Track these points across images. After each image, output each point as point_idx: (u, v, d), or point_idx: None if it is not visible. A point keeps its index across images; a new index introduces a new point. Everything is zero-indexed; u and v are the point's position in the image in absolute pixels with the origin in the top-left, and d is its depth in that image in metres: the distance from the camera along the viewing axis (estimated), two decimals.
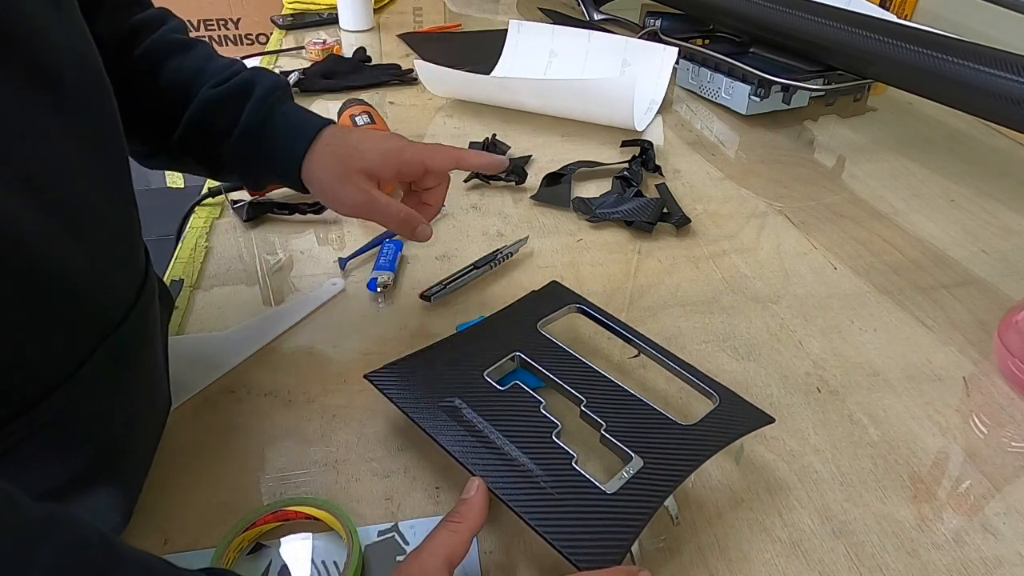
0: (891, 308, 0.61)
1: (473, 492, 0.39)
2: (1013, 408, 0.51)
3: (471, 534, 0.37)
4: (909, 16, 1.26)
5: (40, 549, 0.24)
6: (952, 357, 0.56)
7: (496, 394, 0.45)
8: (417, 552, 0.36)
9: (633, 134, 0.91)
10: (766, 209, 0.76)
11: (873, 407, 0.51)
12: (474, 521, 0.37)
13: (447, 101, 1.00)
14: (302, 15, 1.34)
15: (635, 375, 0.53)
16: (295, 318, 0.58)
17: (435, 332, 0.56)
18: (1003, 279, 0.65)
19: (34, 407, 0.32)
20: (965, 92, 0.72)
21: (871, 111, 1.01)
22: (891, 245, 0.70)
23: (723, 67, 0.96)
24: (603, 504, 0.38)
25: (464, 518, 0.37)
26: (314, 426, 0.48)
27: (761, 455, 0.47)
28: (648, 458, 0.41)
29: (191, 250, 0.66)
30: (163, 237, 0.75)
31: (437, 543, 0.36)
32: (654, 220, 0.70)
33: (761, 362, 0.55)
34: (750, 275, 0.65)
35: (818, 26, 0.87)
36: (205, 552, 0.39)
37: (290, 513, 0.41)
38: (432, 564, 0.35)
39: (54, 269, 0.32)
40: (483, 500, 0.38)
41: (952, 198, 0.79)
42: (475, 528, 0.37)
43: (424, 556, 0.35)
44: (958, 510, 0.44)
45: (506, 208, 0.75)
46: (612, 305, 0.60)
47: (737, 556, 0.41)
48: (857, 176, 0.83)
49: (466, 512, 0.38)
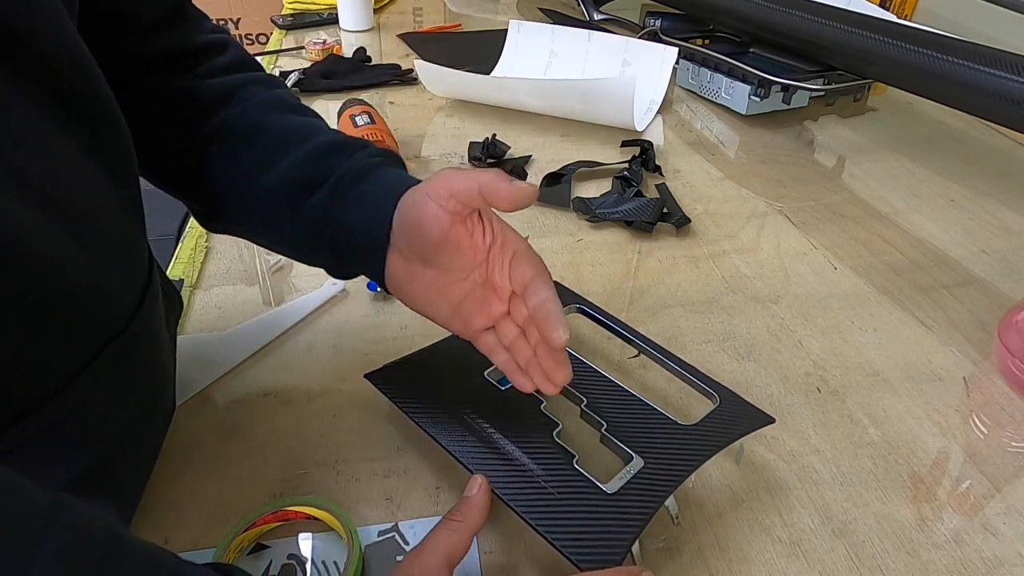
0: (891, 308, 0.61)
1: (475, 491, 0.38)
2: (1013, 408, 0.51)
3: (472, 533, 0.37)
4: (909, 16, 1.26)
5: (46, 536, 0.24)
6: (952, 357, 0.56)
7: (496, 394, 0.45)
8: (417, 551, 0.36)
9: (633, 134, 0.91)
10: (766, 209, 0.76)
11: (873, 407, 0.51)
12: (475, 520, 0.37)
13: (447, 101, 1.00)
14: (302, 15, 1.34)
15: (635, 375, 0.53)
16: (295, 318, 0.58)
17: (435, 332, 0.55)
18: (1003, 279, 0.65)
19: (35, 411, 0.32)
20: (965, 92, 0.72)
21: (871, 111, 1.01)
22: (891, 245, 0.70)
23: (723, 67, 0.96)
24: (603, 504, 0.38)
25: (465, 517, 0.37)
26: (314, 426, 0.48)
27: (761, 455, 0.47)
28: (648, 458, 0.41)
29: (191, 250, 0.66)
30: (163, 237, 0.75)
31: (437, 542, 0.36)
32: (654, 220, 0.70)
33: (761, 362, 0.55)
34: (750, 275, 0.65)
35: (818, 26, 0.87)
36: (205, 552, 0.39)
37: (290, 513, 0.41)
38: (432, 563, 0.35)
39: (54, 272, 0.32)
40: (485, 499, 0.38)
41: (952, 198, 0.79)
42: (476, 527, 0.37)
43: (424, 555, 0.35)
44: (958, 510, 0.44)
45: None
46: (612, 305, 0.60)
47: (737, 556, 0.41)
48: (857, 176, 0.83)
49: (467, 511, 0.37)
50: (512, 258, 0.41)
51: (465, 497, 0.38)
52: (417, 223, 0.39)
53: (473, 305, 0.42)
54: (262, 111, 0.46)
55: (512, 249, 0.41)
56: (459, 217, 0.39)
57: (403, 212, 0.40)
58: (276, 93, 0.47)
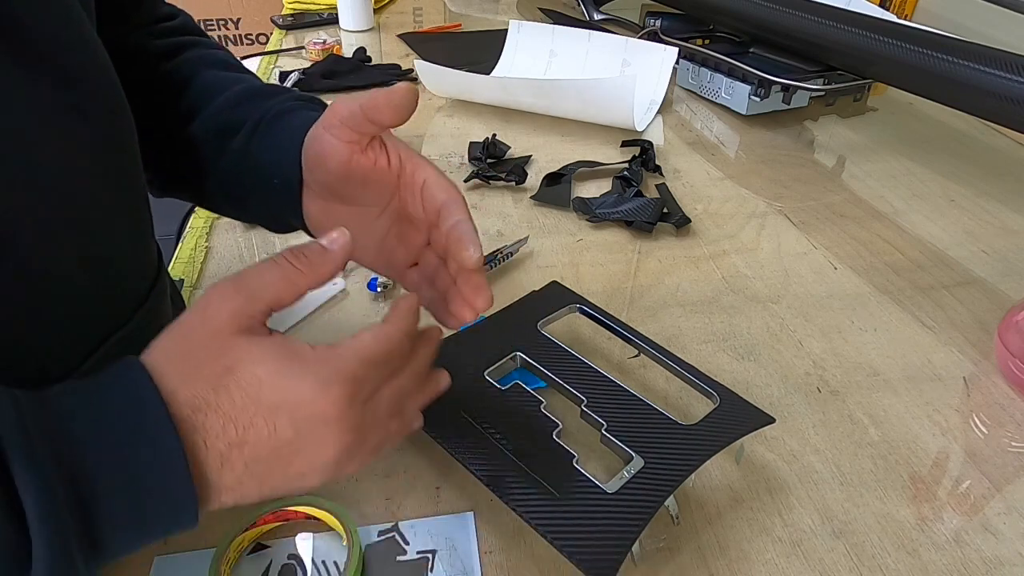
0: (891, 308, 0.61)
1: (335, 246, 0.33)
2: (1013, 408, 0.51)
3: (309, 290, 0.32)
4: (909, 16, 1.26)
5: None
6: (952, 357, 0.56)
7: (496, 394, 0.45)
8: (234, 289, 0.30)
9: (633, 134, 0.91)
10: (766, 209, 0.76)
11: (873, 407, 0.51)
12: (322, 276, 0.32)
13: (447, 101, 1.00)
14: (302, 15, 1.34)
15: (635, 375, 0.53)
16: (295, 318, 0.58)
17: None
18: (1003, 279, 0.65)
19: None
20: (965, 92, 0.72)
21: (871, 111, 1.01)
22: (891, 245, 0.70)
23: (723, 67, 0.96)
24: (604, 504, 0.38)
25: (312, 269, 0.32)
26: None
27: (761, 455, 0.47)
28: (649, 458, 0.41)
29: (191, 250, 0.66)
30: (163, 237, 0.75)
31: (265, 285, 0.30)
32: (654, 220, 0.70)
33: (761, 362, 0.55)
34: (750, 275, 0.65)
35: (818, 26, 0.87)
36: (205, 552, 0.39)
37: (290, 513, 0.41)
38: (250, 310, 0.30)
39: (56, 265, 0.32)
40: (343, 256, 0.33)
41: (952, 198, 0.79)
42: (317, 284, 0.32)
43: (242, 299, 0.30)
44: (958, 510, 0.44)
45: (506, 208, 0.75)
46: (612, 305, 0.60)
47: (737, 556, 0.41)
48: (857, 176, 0.83)
49: (318, 263, 0.32)
50: (423, 186, 0.40)
51: (320, 245, 0.33)
52: (319, 157, 0.39)
53: (393, 240, 0.41)
54: (195, 67, 0.47)
55: (423, 177, 0.40)
56: (357, 146, 0.38)
57: (307, 149, 0.40)
58: (214, 52, 0.49)
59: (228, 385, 0.29)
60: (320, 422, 0.30)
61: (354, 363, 0.30)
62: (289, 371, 0.29)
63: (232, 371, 0.29)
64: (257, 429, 0.29)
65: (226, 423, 0.28)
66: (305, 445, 0.30)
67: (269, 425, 0.29)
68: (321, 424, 0.30)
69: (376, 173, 0.39)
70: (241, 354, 0.29)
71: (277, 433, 0.29)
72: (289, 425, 0.29)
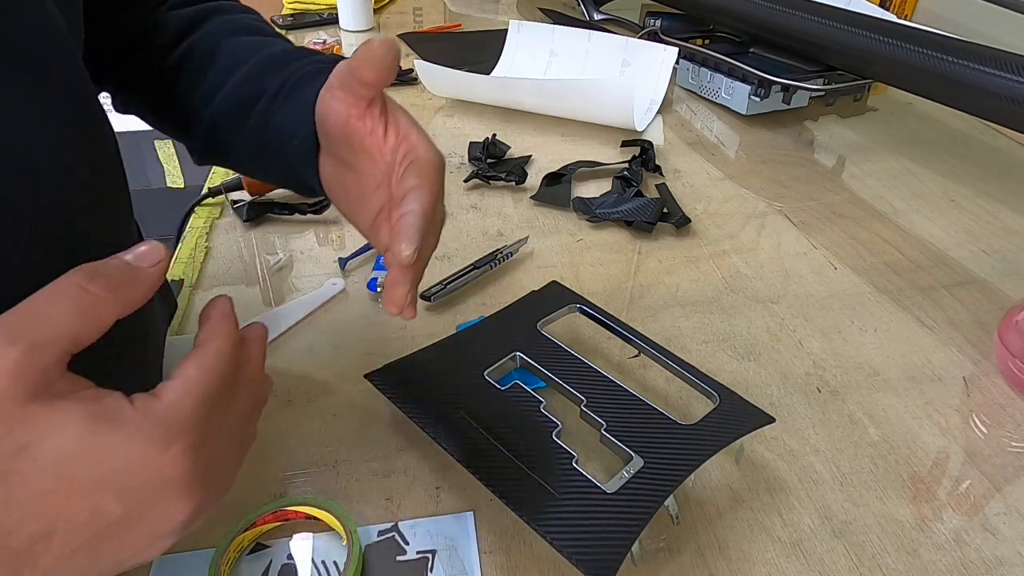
0: (891, 308, 0.61)
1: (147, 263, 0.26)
2: (1013, 408, 0.51)
3: (117, 317, 0.25)
4: (909, 16, 1.26)
5: None
6: (952, 357, 0.56)
7: (496, 394, 0.45)
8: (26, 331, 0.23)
9: (633, 134, 0.91)
10: (766, 209, 0.76)
11: (873, 407, 0.51)
12: (130, 302, 0.26)
13: (447, 101, 1.00)
14: (302, 15, 1.34)
15: (635, 375, 0.53)
16: (295, 318, 0.58)
17: (435, 332, 0.56)
18: (1003, 279, 0.65)
19: None
20: (965, 92, 0.72)
21: (871, 111, 1.01)
22: (891, 245, 0.70)
23: (723, 67, 0.96)
24: (603, 504, 0.38)
25: (117, 292, 0.25)
26: (314, 426, 0.48)
27: (761, 455, 0.47)
28: (648, 458, 0.41)
29: (191, 250, 0.66)
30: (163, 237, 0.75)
31: (51, 324, 0.23)
32: (654, 220, 0.70)
33: (761, 362, 0.55)
34: (750, 275, 0.65)
35: (818, 26, 0.87)
36: (205, 552, 0.39)
37: (290, 513, 0.41)
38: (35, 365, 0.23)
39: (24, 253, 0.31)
40: (157, 277, 0.27)
41: (952, 198, 0.79)
42: (124, 312, 0.25)
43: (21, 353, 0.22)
44: (958, 510, 0.44)
45: (506, 208, 0.75)
46: (612, 305, 0.60)
47: (737, 556, 0.41)
48: (857, 176, 0.83)
49: (121, 282, 0.25)
50: (407, 166, 0.38)
51: (123, 262, 0.26)
52: (321, 117, 0.39)
53: (383, 217, 0.41)
54: (219, 35, 0.47)
55: (410, 158, 0.38)
56: (355, 109, 0.37)
57: (318, 110, 0.40)
58: (237, 17, 0.49)
59: (20, 470, 0.22)
60: (159, 486, 0.25)
61: (189, 407, 0.25)
62: (106, 435, 0.23)
63: (26, 450, 0.22)
64: (70, 515, 0.23)
65: (22, 518, 0.23)
66: (141, 518, 0.25)
67: (88, 506, 0.24)
68: (161, 488, 0.25)
69: (371, 141, 0.38)
70: (36, 426, 0.23)
71: (102, 513, 0.24)
72: (115, 500, 0.24)
